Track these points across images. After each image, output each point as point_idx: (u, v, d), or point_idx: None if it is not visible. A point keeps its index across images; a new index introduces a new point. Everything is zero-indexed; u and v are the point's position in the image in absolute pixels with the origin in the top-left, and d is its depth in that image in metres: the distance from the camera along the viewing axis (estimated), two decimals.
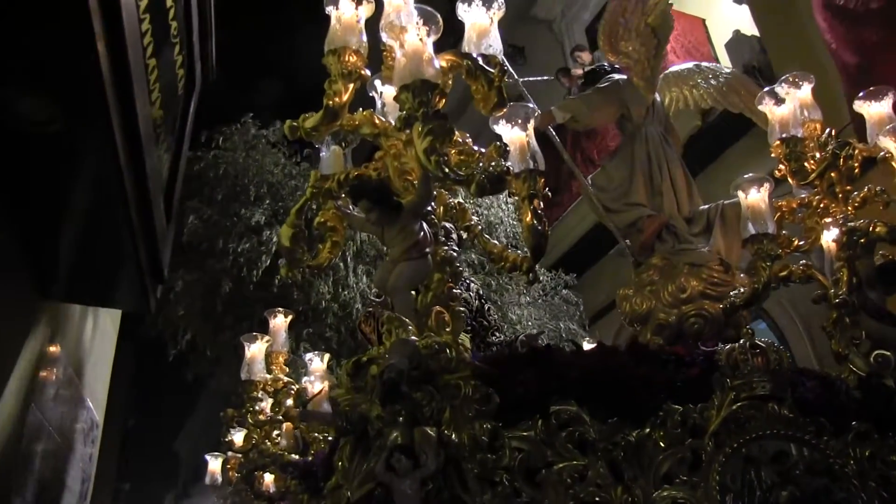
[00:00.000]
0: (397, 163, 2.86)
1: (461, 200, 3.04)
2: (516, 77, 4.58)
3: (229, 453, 5.10)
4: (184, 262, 6.03)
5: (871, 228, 3.01)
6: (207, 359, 6.13)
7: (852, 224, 3.12)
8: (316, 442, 4.56)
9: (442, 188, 2.96)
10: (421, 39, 2.48)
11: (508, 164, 2.47)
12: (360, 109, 2.92)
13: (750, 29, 7.19)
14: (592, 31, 9.79)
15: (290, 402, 4.59)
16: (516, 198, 2.88)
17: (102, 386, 5.00)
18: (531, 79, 5.08)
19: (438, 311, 2.49)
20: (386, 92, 3.15)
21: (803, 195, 3.64)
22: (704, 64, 4.75)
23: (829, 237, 3.70)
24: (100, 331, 4.70)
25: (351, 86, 2.66)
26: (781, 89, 3.64)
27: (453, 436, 2.11)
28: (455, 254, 2.68)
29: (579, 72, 7.97)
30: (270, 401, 4.68)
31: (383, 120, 2.87)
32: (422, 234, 2.55)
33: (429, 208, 2.70)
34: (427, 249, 2.55)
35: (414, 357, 2.17)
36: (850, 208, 3.40)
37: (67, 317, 3.83)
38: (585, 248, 8.22)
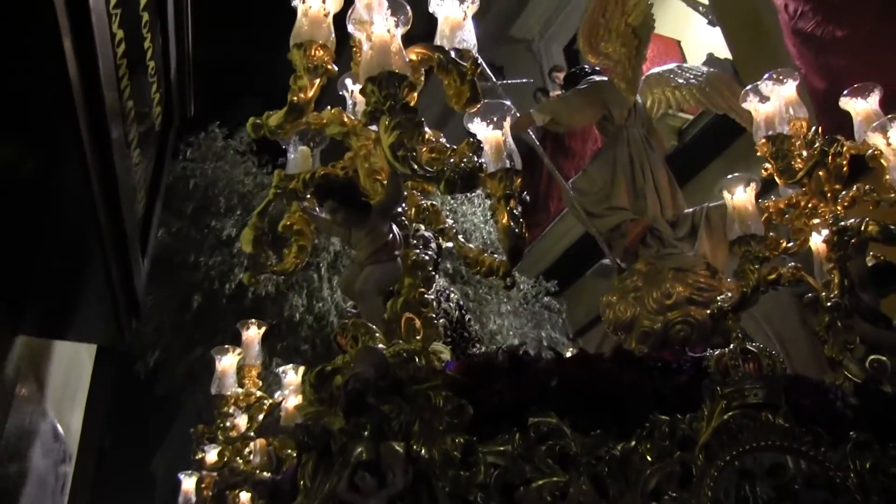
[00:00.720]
0: (367, 164, 2.71)
1: (434, 203, 2.88)
2: (494, 79, 4.46)
3: (203, 472, 4.90)
4: (154, 277, 5.84)
5: (862, 227, 2.87)
6: (180, 375, 5.92)
7: (843, 223, 2.99)
8: (290, 459, 4.37)
9: (414, 189, 2.80)
10: (389, 30, 2.34)
11: (482, 160, 2.31)
12: (330, 108, 2.77)
13: (723, 52, 7.24)
14: (570, 51, 9.71)
15: (262, 416, 4.40)
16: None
17: (78, 415, 4.78)
18: (510, 81, 4.97)
19: (409, 317, 2.33)
20: (357, 90, 3.00)
21: (791, 195, 3.53)
22: (686, 65, 4.64)
23: (817, 239, 3.59)
24: (75, 363, 4.49)
25: (317, 81, 2.51)
26: (766, 87, 3.53)
27: (423, 451, 1.94)
28: (428, 258, 2.51)
29: (557, 92, 7.86)
30: (244, 416, 4.50)
31: (353, 118, 2.72)
32: (391, 235, 2.39)
33: (399, 209, 2.54)
34: (397, 252, 2.40)
35: (381, 366, 2.00)
36: (839, 208, 3.29)
37: (41, 351, 3.64)
38: (566, 266, 8.13)
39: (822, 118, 4.06)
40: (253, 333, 4.73)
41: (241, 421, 4.56)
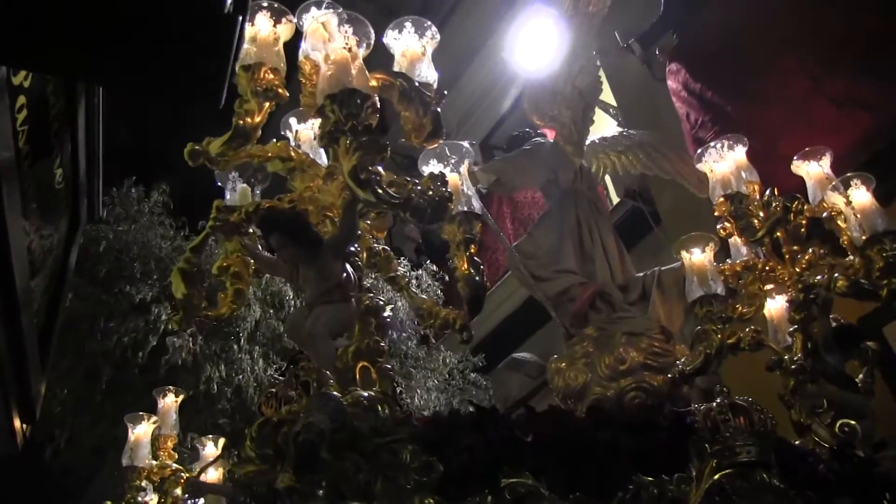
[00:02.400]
0: (312, 205, 2.46)
1: (386, 247, 2.64)
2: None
3: None
4: (59, 346, 5.33)
5: (831, 284, 2.78)
6: (86, 452, 5.32)
7: (809, 281, 2.91)
8: None
9: (368, 232, 2.56)
10: (350, 48, 2.14)
11: (449, 192, 2.11)
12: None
13: None
14: (486, 146, 9.76)
15: (178, 491, 3.94)
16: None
17: None
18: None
19: (364, 365, 2.05)
20: (302, 131, 2.79)
21: (744, 259, 3.46)
22: (630, 131, 4.62)
23: (772, 304, 3.52)
24: None
25: (266, 106, 2.28)
26: (716, 151, 3.51)
27: None
28: (382, 304, 2.26)
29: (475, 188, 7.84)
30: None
31: (300, 151, 2.49)
32: (345, 275, 2.13)
33: (353, 248, 2.29)
34: (351, 294, 2.13)
35: (337, 415, 1.71)
36: (797, 269, 3.21)
37: None
38: (497, 340, 7.93)
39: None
40: (170, 401, 4.34)
41: (152, 499, 4.11)
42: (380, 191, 1.88)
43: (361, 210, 2.23)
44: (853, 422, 2.85)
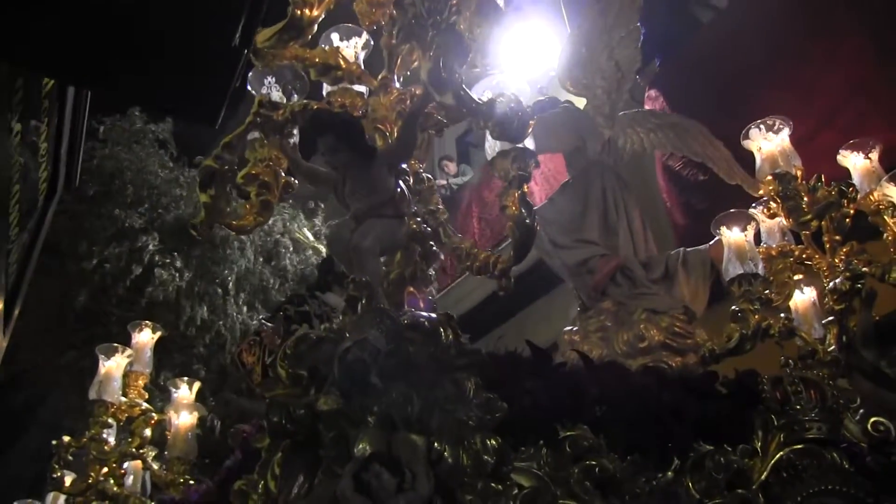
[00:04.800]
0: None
1: (430, 176, 2.41)
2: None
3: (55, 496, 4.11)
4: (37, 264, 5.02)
5: (887, 273, 2.63)
6: (45, 381, 5.00)
7: (858, 270, 2.76)
8: (174, 486, 3.68)
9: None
10: None
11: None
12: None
13: None
14: (462, 142, 9.50)
15: (147, 432, 3.71)
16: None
17: None
18: None
19: (410, 292, 1.84)
20: (344, 49, 2.53)
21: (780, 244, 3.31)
22: (659, 111, 4.45)
23: (799, 297, 3.38)
24: None
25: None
26: (759, 132, 3.35)
27: (447, 452, 1.44)
28: (430, 231, 2.05)
29: (443, 182, 7.62)
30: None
31: (351, 61, 2.26)
32: (399, 190, 1.92)
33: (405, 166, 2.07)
34: (404, 211, 1.92)
35: (394, 336, 1.51)
36: (837, 261, 3.07)
37: None
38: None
39: None
40: (146, 337, 4.08)
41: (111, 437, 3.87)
42: (462, 93, 1.67)
43: (423, 124, 2.02)
44: (887, 421, 2.71)
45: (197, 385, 4.09)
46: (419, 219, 2.10)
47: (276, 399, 1.53)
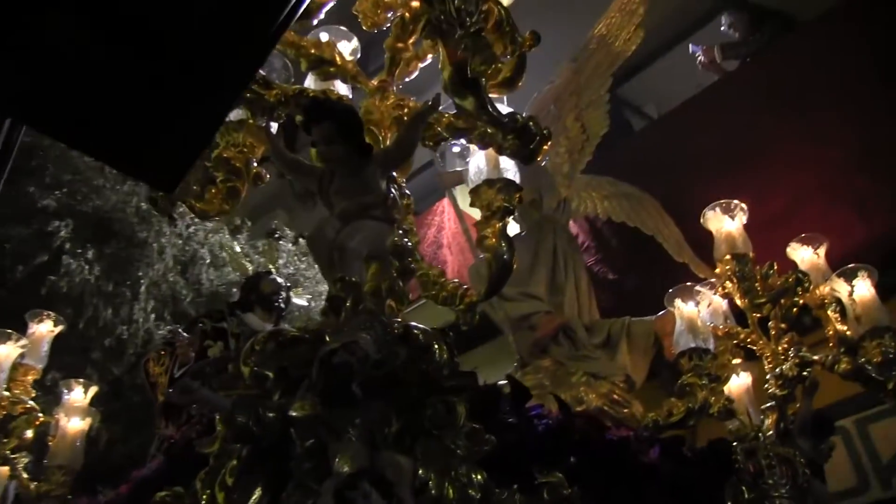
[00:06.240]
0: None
1: (409, 192, 2.27)
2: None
3: None
4: None
5: (835, 365, 2.66)
6: None
7: (807, 355, 2.78)
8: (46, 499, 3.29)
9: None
10: None
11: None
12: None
13: None
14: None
15: (29, 433, 3.33)
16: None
17: None
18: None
19: (390, 306, 1.68)
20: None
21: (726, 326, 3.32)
22: (619, 182, 4.47)
23: (735, 382, 3.39)
24: None
25: None
26: (714, 213, 3.39)
27: (432, 481, 1.28)
28: (411, 246, 1.91)
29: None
30: None
31: (346, 58, 2.13)
32: (391, 194, 1.78)
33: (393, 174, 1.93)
34: (394, 217, 1.78)
35: (384, 345, 1.35)
36: (780, 349, 3.10)
37: None
38: None
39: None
40: (45, 330, 3.71)
41: None
42: (487, 99, 1.57)
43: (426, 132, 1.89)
44: None
45: (94, 389, 3.74)
46: (401, 232, 1.95)
47: (245, 398, 1.34)
